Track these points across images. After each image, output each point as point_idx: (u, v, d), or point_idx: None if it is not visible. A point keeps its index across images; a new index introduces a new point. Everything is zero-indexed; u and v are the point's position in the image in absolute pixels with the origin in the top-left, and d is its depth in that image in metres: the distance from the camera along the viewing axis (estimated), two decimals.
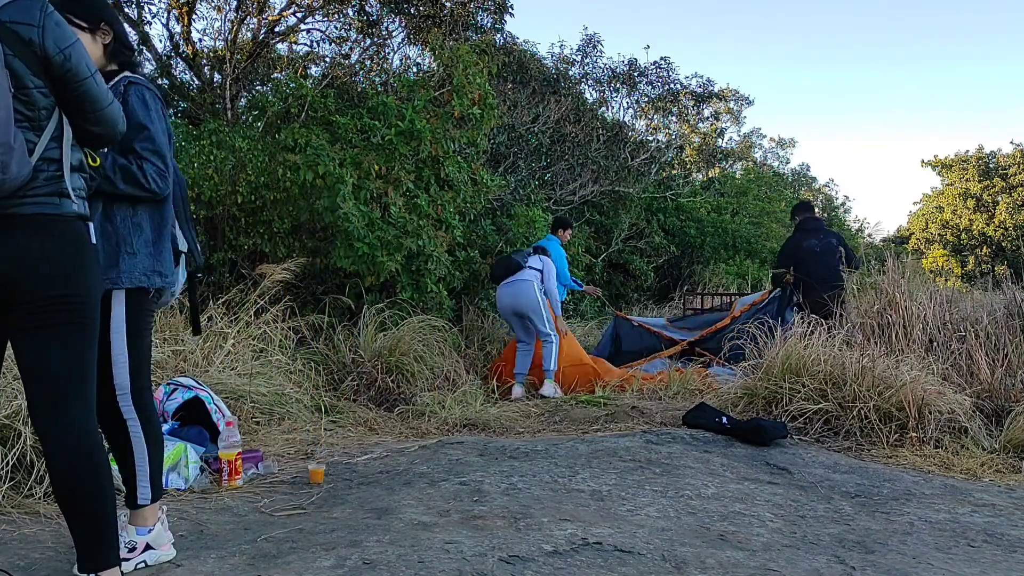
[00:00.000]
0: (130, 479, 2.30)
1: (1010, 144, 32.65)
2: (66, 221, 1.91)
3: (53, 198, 1.89)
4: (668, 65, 14.66)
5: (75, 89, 1.90)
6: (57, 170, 1.90)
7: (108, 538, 1.97)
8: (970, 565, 2.52)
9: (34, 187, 1.85)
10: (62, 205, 1.91)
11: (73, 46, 1.89)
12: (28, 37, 1.82)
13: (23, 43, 1.82)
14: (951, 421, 4.32)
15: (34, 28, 1.83)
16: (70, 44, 1.88)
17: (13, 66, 1.80)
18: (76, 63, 1.89)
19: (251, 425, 4.36)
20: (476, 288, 7.90)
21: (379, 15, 10.00)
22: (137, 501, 2.30)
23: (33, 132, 1.86)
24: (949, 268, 26.61)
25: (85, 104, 1.93)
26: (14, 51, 1.80)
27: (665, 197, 13.29)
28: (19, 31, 1.82)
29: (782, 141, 29.14)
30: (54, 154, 1.90)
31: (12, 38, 1.80)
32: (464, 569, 2.27)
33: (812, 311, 6.14)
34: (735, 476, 3.57)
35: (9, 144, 1.74)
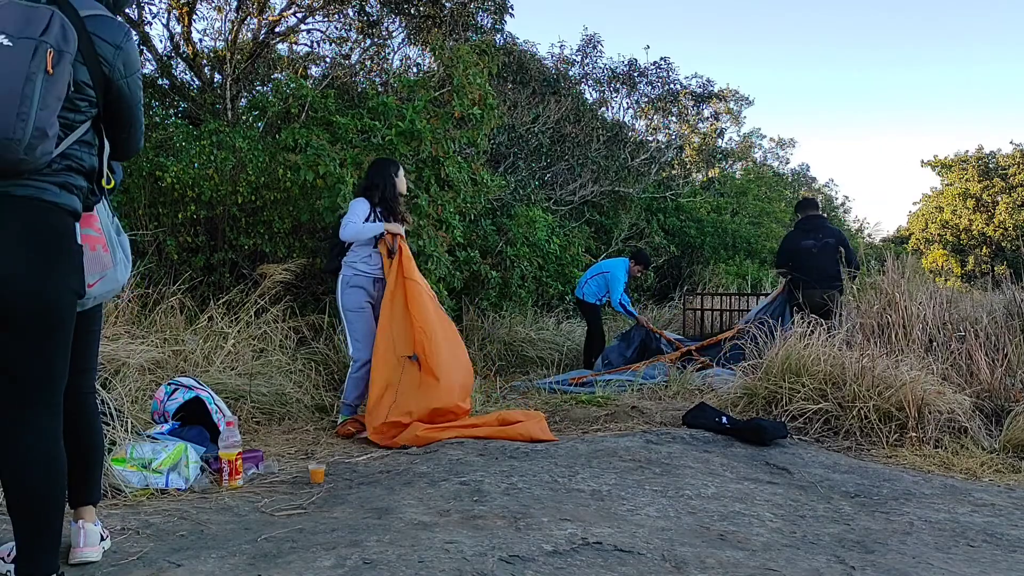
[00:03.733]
0: None
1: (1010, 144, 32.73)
2: (58, 212, 1.90)
3: (54, 187, 1.89)
4: (668, 65, 14.70)
5: (123, 111, 2.02)
6: (69, 167, 1.93)
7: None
8: (970, 565, 2.52)
9: (41, 173, 1.86)
10: (61, 195, 1.91)
11: (135, 75, 2.02)
12: (102, 53, 1.91)
13: (96, 56, 1.90)
14: (951, 421, 4.32)
15: (112, 48, 1.93)
16: (133, 73, 2.00)
17: (76, 69, 1.86)
18: (134, 89, 2.03)
19: (251, 425, 4.36)
20: (476, 288, 7.90)
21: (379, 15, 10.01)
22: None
23: (64, 130, 1.90)
24: (949, 268, 26.62)
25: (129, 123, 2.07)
26: (85, 58, 1.87)
27: (665, 197, 13.30)
28: (98, 45, 1.90)
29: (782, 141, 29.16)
30: (74, 154, 1.94)
31: (89, 48, 1.88)
32: (464, 569, 2.28)
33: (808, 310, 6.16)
34: (735, 476, 3.58)
35: (45, 131, 1.77)
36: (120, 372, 3.84)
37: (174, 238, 6.07)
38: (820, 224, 6.74)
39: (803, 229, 6.75)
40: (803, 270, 6.52)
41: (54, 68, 1.76)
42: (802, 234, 6.70)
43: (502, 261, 8.32)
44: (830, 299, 6.22)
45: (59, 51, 1.77)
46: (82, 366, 2.30)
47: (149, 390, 3.92)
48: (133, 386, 3.79)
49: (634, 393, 5.86)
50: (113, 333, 4.35)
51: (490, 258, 8.12)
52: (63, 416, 2.30)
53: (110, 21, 1.92)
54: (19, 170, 1.79)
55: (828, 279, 6.42)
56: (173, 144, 6.70)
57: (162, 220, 6.07)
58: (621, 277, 7.56)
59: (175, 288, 5.30)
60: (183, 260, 6.15)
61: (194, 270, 6.02)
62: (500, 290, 8.21)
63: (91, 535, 2.30)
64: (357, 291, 4.52)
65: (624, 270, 7.64)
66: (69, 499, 2.35)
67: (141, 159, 6.13)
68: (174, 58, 9.87)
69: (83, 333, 2.26)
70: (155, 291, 5.18)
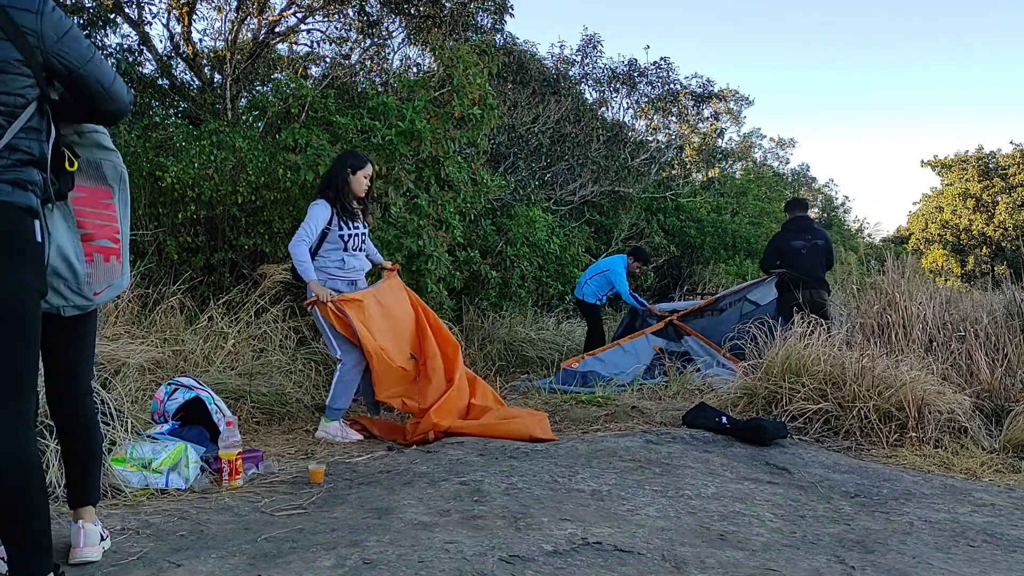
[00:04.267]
0: None
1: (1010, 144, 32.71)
2: (12, 211, 1.80)
3: (7, 185, 1.79)
4: (668, 65, 14.69)
5: (82, 73, 1.87)
6: (20, 160, 1.82)
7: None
8: (970, 565, 2.52)
9: None
10: (14, 194, 1.81)
11: (70, 32, 1.85)
12: (22, 23, 1.77)
13: (16, 27, 1.76)
14: (951, 421, 4.32)
15: (32, 14, 1.79)
16: (67, 30, 1.84)
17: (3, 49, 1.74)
18: (74, 48, 1.85)
19: (251, 425, 4.36)
20: (476, 288, 7.90)
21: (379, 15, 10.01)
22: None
23: (4, 117, 1.79)
24: (949, 268, 26.62)
25: (92, 86, 1.90)
26: (7, 35, 1.74)
27: (665, 197, 13.29)
28: (14, 16, 1.76)
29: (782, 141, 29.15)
30: (22, 144, 1.82)
31: (7, 23, 1.75)
32: (464, 569, 2.28)
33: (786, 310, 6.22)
34: (735, 476, 3.58)
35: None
36: (120, 372, 3.84)
37: (174, 238, 6.07)
38: (809, 225, 6.78)
39: (792, 230, 6.79)
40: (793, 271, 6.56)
41: None
42: (791, 234, 6.74)
43: (502, 261, 8.31)
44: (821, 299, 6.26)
45: None
46: (78, 369, 2.29)
47: (149, 390, 3.92)
48: (133, 386, 3.79)
49: (634, 393, 5.86)
50: (113, 333, 4.35)
51: (490, 258, 8.12)
52: (61, 418, 2.30)
53: None
54: None
55: (818, 280, 6.46)
56: (173, 144, 6.70)
57: (162, 220, 6.07)
58: (622, 272, 7.58)
59: (175, 288, 5.30)
60: (183, 260, 6.15)
61: (194, 270, 6.02)
62: (500, 290, 8.21)
63: (91, 535, 2.30)
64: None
65: (623, 265, 7.65)
66: (69, 499, 2.35)
67: (141, 159, 6.13)
68: (174, 58, 9.87)
69: (79, 335, 2.25)
70: (155, 291, 5.18)
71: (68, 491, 2.36)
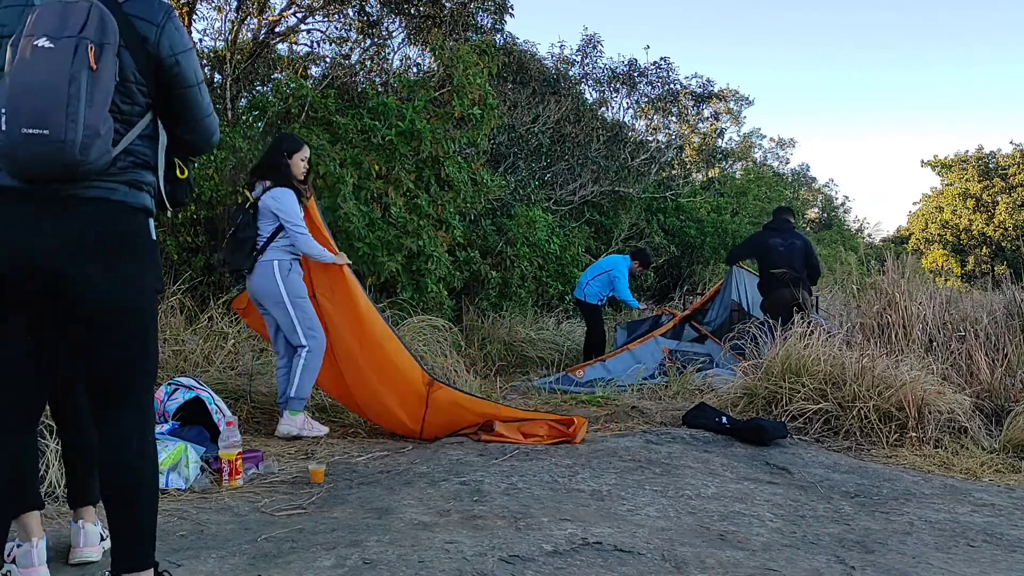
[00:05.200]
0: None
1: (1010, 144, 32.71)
2: (130, 211, 1.85)
3: (123, 186, 1.83)
4: (668, 65, 14.69)
5: (178, 95, 1.90)
6: (134, 162, 1.86)
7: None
8: (970, 565, 2.52)
9: (107, 173, 1.80)
10: (131, 195, 1.85)
11: (186, 53, 1.89)
12: (144, 34, 1.82)
13: (139, 39, 1.81)
14: (951, 421, 4.32)
15: (153, 27, 1.83)
16: (184, 50, 1.88)
17: (122, 58, 1.78)
18: (185, 69, 1.89)
19: (251, 425, 4.36)
20: (476, 288, 7.90)
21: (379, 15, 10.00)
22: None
23: (122, 125, 1.83)
24: (949, 268, 26.62)
25: (186, 112, 1.93)
26: (127, 43, 1.79)
27: (665, 197, 13.29)
28: (138, 26, 1.82)
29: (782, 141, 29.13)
30: (138, 149, 1.87)
31: (130, 31, 1.80)
32: (464, 569, 2.28)
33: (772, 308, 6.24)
34: (735, 476, 3.58)
35: (97, 129, 1.71)
36: None
37: (174, 238, 6.07)
38: (790, 228, 6.86)
39: (772, 228, 6.86)
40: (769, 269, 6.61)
41: (97, 63, 1.70)
42: (771, 232, 6.82)
43: (502, 261, 8.32)
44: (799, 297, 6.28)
45: (100, 44, 1.71)
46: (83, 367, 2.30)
47: None
48: None
49: (634, 393, 5.86)
50: None
51: (490, 258, 8.12)
52: (61, 417, 2.31)
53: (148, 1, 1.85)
54: (78, 172, 1.71)
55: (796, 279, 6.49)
56: None
57: (162, 220, 6.07)
58: (625, 273, 7.61)
59: (175, 288, 5.30)
60: (183, 260, 6.16)
61: (194, 270, 6.02)
62: (500, 290, 8.21)
63: (91, 535, 2.30)
64: (298, 276, 4.19)
65: (626, 267, 7.67)
66: (69, 499, 2.35)
67: None
68: None
69: None
70: None
71: (68, 491, 2.36)
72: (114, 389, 1.85)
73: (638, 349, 6.87)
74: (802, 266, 6.59)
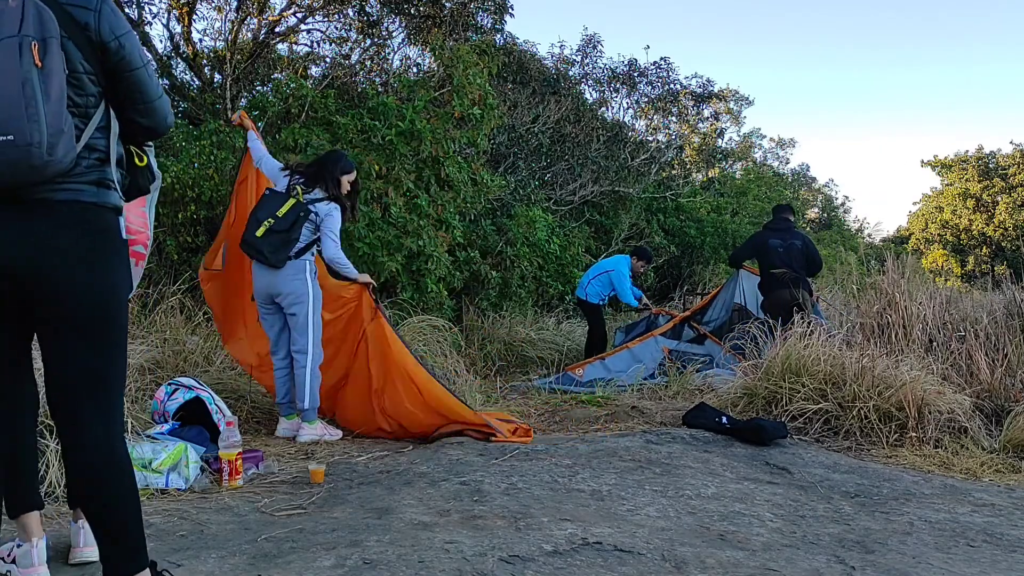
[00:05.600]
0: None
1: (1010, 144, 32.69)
2: (101, 211, 1.82)
3: (91, 186, 1.81)
4: (668, 65, 14.68)
5: (126, 79, 1.85)
6: (99, 159, 1.83)
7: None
8: (970, 565, 2.53)
9: (73, 174, 1.77)
10: (99, 194, 1.82)
11: (127, 34, 1.84)
12: (84, 21, 1.78)
13: (78, 26, 1.77)
14: (951, 421, 4.32)
15: (90, 12, 1.79)
16: (124, 32, 1.83)
17: (67, 49, 1.74)
18: (129, 51, 1.84)
19: (251, 425, 4.36)
20: (476, 288, 7.90)
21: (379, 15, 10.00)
22: None
23: (80, 119, 1.79)
24: (949, 268, 26.61)
25: (136, 95, 1.88)
26: (68, 33, 1.75)
27: (665, 197, 13.28)
28: (75, 13, 1.77)
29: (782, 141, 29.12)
30: (99, 143, 1.84)
31: (68, 20, 1.75)
32: (464, 569, 2.28)
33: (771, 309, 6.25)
34: (735, 476, 3.58)
35: (60, 127, 1.67)
36: None
37: (174, 238, 6.07)
38: (789, 227, 6.87)
39: (772, 228, 6.87)
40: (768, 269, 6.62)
41: (42, 60, 1.66)
42: (770, 232, 6.83)
43: (502, 261, 8.31)
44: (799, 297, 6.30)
45: (42, 40, 1.67)
46: None
47: (149, 390, 3.93)
48: (133, 386, 3.79)
49: (634, 393, 5.86)
50: None
51: (490, 258, 8.12)
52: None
53: None
54: (47, 174, 1.68)
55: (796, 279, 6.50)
56: (173, 144, 6.70)
57: (162, 220, 6.07)
58: (625, 272, 7.63)
59: (175, 288, 5.30)
60: (183, 260, 6.15)
61: (194, 270, 6.01)
62: (500, 290, 8.21)
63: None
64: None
65: (627, 266, 7.69)
66: (69, 499, 2.35)
67: None
68: (174, 58, 9.86)
69: None
70: (155, 291, 5.18)
71: (68, 491, 2.36)
72: (81, 391, 1.80)
73: (637, 348, 6.87)
74: (801, 266, 6.60)
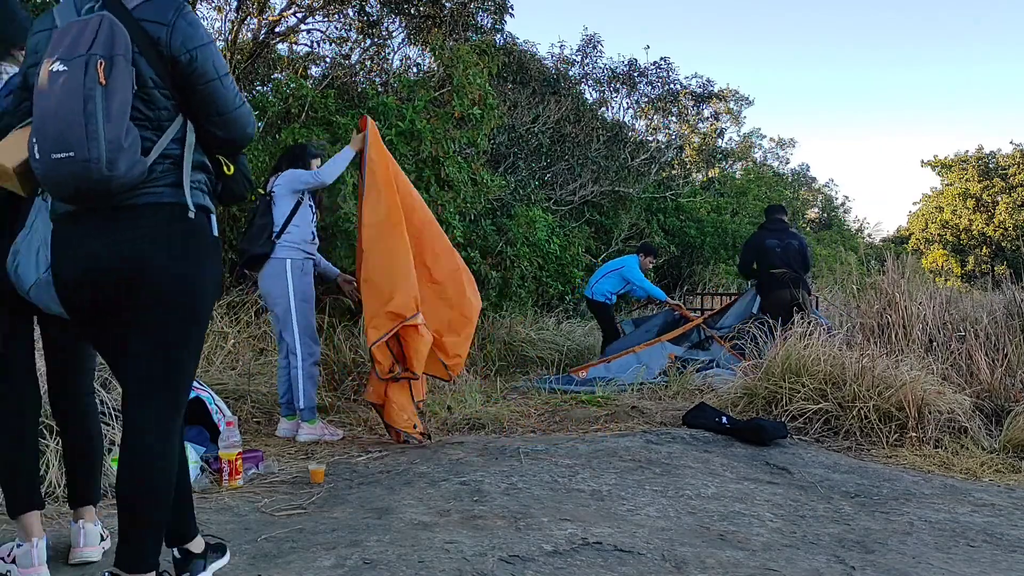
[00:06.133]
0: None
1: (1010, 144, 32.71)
2: (184, 210, 1.87)
3: (167, 188, 1.85)
4: (668, 65, 14.69)
5: (199, 91, 1.87)
6: (174, 164, 1.87)
7: None
8: (970, 565, 2.53)
9: (150, 180, 1.82)
10: (179, 194, 1.86)
11: (202, 47, 1.85)
12: (156, 36, 1.81)
13: (151, 41, 1.81)
14: (951, 421, 4.32)
15: (164, 27, 1.82)
16: (199, 45, 1.85)
17: (138, 64, 1.78)
18: (202, 64, 1.85)
19: (251, 425, 4.36)
20: None
21: (379, 15, 10.00)
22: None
23: (152, 131, 1.84)
24: (949, 268, 26.62)
25: (210, 106, 1.90)
26: (140, 49, 1.79)
27: (665, 197, 13.28)
28: (148, 29, 1.81)
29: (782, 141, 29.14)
30: (174, 152, 1.87)
31: (141, 36, 1.79)
32: (464, 569, 2.28)
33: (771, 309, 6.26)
34: (735, 476, 3.58)
35: (120, 144, 1.71)
36: None
37: None
38: (784, 227, 6.88)
39: (768, 229, 6.89)
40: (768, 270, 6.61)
41: (107, 78, 1.71)
42: (767, 233, 6.86)
43: (502, 261, 8.31)
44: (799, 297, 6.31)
45: (110, 58, 1.72)
46: (82, 366, 2.31)
47: None
48: None
49: (634, 393, 5.86)
50: None
51: (490, 258, 8.11)
52: (61, 417, 2.31)
53: (158, 1, 1.84)
54: (112, 188, 1.73)
55: (795, 279, 6.50)
56: None
57: None
58: (635, 268, 7.71)
59: None
60: None
61: None
62: (500, 290, 8.20)
63: (91, 535, 2.30)
64: (308, 278, 4.17)
65: (636, 263, 7.75)
66: (69, 499, 2.35)
67: None
68: None
69: None
70: None
71: (68, 491, 2.36)
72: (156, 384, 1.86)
73: (643, 352, 6.86)
74: (801, 265, 6.62)
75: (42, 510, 2.23)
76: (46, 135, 1.69)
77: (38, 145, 1.70)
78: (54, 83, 1.70)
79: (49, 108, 1.70)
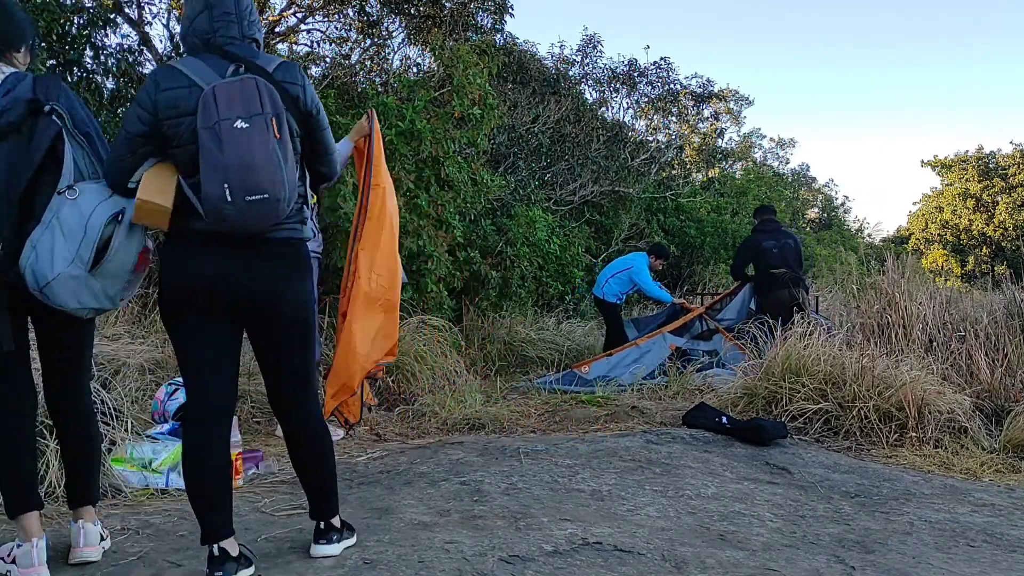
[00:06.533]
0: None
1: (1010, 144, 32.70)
2: (302, 243, 2.25)
3: (298, 225, 2.22)
4: (668, 65, 14.69)
5: (317, 137, 2.26)
6: (299, 202, 2.21)
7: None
8: (970, 565, 2.53)
9: (290, 217, 2.17)
10: (302, 231, 2.24)
11: (318, 102, 2.25)
12: (295, 95, 2.15)
13: (291, 99, 2.14)
14: (951, 421, 4.32)
15: (299, 87, 2.17)
16: (318, 101, 2.26)
17: (289, 120, 2.11)
18: (323, 116, 2.26)
19: (251, 425, 4.36)
20: (476, 288, 7.89)
21: (379, 15, 9.99)
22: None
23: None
24: (949, 268, 26.61)
25: (320, 148, 2.29)
26: (288, 107, 2.11)
27: (665, 197, 13.28)
28: (289, 90, 2.14)
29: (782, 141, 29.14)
30: (300, 190, 2.22)
31: (285, 95, 2.12)
32: (464, 569, 2.28)
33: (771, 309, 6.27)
34: (735, 476, 3.58)
35: (295, 184, 2.10)
36: (120, 372, 3.84)
37: None
38: (778, 227, 6.90)
39: (763, 231, 6.89)
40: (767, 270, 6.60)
41: (280, 132, 2.03)
42: (762, 235, 6.87)
43: (502, 261, 8.30)
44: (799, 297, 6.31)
45: (277, 115, 2.04)
46: (80, 366, 2.32)
47: (149, 390, 3.92)
48: (133, 386, 3.79)
49: (634, 393, 5.86)
50: (113, 333, 4.35)
51: (490, 258, 8.10)
52: (60, 417, 2.32)
53: (289, 66, 2.19)
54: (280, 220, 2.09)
55: (795, 279, 6.50)
56: None
57: None
58: (644, 269, 7.68)
59: None
60: None
61: None
62: (500, 290, 8.20)
63: (91, 535, 2.30)
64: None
65: (645, 263, 7.72)
66: (68, 499, 2.36)
67: None
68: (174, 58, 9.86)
69: (81, 334, 2.29)
70: (155, 291, 5.16)
71: (68, 491, 2.36)
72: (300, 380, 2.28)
73: (645, 344, 6.86)
74: (799, 264, 6.62)
75: (42, 510, 2.24)
76: (243, 182, 1.97)
77: (230, 190, 1.97)
78: (240, 138, 1.98)
79: (243, 159, 1.97)
